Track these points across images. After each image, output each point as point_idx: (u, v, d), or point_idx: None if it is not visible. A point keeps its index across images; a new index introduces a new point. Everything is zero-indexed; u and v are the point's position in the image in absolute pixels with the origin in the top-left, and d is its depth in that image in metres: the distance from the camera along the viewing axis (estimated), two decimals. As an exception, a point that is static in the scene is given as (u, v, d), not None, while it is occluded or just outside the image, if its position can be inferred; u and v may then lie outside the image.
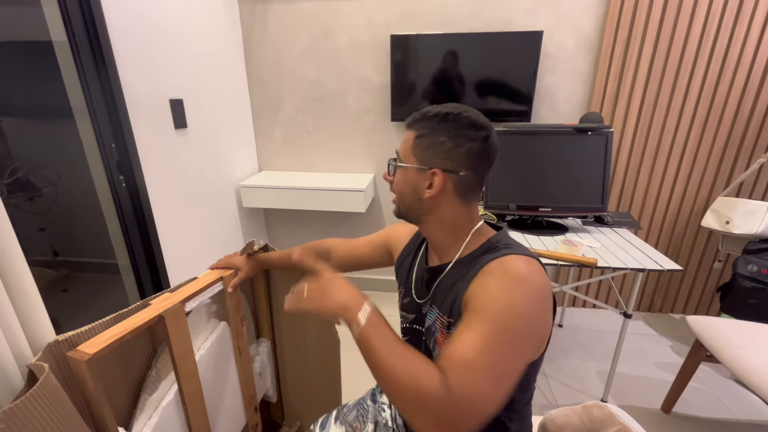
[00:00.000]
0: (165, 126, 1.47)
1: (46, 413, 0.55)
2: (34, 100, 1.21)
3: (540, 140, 1.52)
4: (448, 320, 0.64)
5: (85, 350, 0.64)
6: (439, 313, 0.67)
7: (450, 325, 0.64)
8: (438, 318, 0.67)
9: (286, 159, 2.22)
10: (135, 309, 0.78)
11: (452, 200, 0.64)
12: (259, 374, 1.19)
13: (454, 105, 0.64)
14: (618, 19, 1.70)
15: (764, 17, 1.61)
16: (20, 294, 0.63)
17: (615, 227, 1.59)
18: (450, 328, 0.64)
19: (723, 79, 1.71)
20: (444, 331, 0.65)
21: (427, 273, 0.72)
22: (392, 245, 0.88)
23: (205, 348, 0.94)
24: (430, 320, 0.70)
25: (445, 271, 0.67)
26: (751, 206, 1.63)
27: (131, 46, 1.29)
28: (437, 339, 0.67)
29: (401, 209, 0.70)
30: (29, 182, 1.22)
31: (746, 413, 1.50)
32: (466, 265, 0.64)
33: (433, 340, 0.69)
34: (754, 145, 1.78)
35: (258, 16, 1.95)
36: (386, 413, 0.86)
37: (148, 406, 0.79)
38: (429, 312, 0.70)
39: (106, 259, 1.41)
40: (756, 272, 1.59)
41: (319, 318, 0.70)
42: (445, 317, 0.65)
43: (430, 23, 1.84)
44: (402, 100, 1.92)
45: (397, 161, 0.68)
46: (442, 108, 0.63)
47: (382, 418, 0.85)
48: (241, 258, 1.02)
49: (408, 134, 0.66)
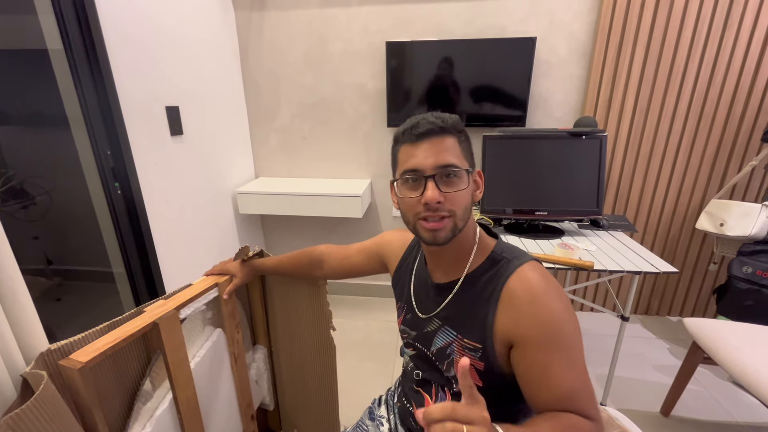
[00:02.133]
0: (161, 133, 1.47)
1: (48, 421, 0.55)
2: (30, 108, 1.21)
3: (535, 145, 1.53)
4: (473, 344, 0.62)
5: (78, 359, 0.64)
6: (456, 335, 0.65)
7: (476, 350, 0.62)
8: (456, 340, 0.65)
9: (282, 165, 2.22)
10: (129, 317, 0.77)
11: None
12: (255, 382, 1.18)
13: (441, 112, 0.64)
14: (610, 25, 1.72)
15: (752, 23, 1.64)
16: (13, 303, 0.62)
17: (611, 230, 1.60)
18: (476, 352, 0.62)
19: (713, 83, 1.74)
20: (467, 353, 0.63)
21: (433, 289, 0.70)
22: (385, 254, 0.87)
23: (200, 355, 0.93)
24: (442, 341, 0.67)
25: (455, 288, 0.66)
26: (745, 208, 1.65)
27: (127, 53, 1.29)
28: (454, 361, 0.65)
29: (460, 225, 0.61)
30: (23, 190, 1.21)
31: (745, 415, 1.50)
32: (479, 281, 0.63)
33: (449, 362, 0.66)
34: (746, 147, 1.80)
35: (254, 23, 1.96)
36: (385, 427, 0.85)
37: (143, 415, 0.78)
38: (440, 331, 0.68)
39: (101, 267, 1.40)
40: (751, 274, 1.59)
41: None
42: (468, 341, 0.63)
43: (425, 30, 1.86)
44: (398, 106, 1.93)
45: (456, 170, 0.59)
46: (443, 114, 0.63)
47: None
48: (236, 264, 1.01)
49: (446, 141, 0.60)
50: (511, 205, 1.54)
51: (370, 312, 2.23)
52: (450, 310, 0.67)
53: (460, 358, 0.63)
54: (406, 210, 0.64)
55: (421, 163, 0.59)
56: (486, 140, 1.53)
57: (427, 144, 0.60)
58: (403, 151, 0.63)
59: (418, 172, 0.60)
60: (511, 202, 1.54)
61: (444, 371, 0.69)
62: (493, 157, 1.53)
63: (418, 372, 0.75)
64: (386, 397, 0.91)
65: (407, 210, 0.63)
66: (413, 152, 0.61)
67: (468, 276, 0.65)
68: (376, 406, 0.91)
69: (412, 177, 0.61)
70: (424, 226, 0.61)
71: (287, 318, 1.16)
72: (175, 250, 1.55)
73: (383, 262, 0.88)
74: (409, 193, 0.62)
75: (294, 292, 1.11)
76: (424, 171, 0.59)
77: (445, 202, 0.59)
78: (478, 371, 0.63)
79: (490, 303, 0.60)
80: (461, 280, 0.65)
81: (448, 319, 0.67)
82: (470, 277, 0.65)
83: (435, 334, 0.69)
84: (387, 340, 1.96)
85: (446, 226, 0.60)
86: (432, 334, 0.70)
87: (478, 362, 0.62)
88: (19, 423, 0.51)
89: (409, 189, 0.62)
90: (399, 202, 0.65)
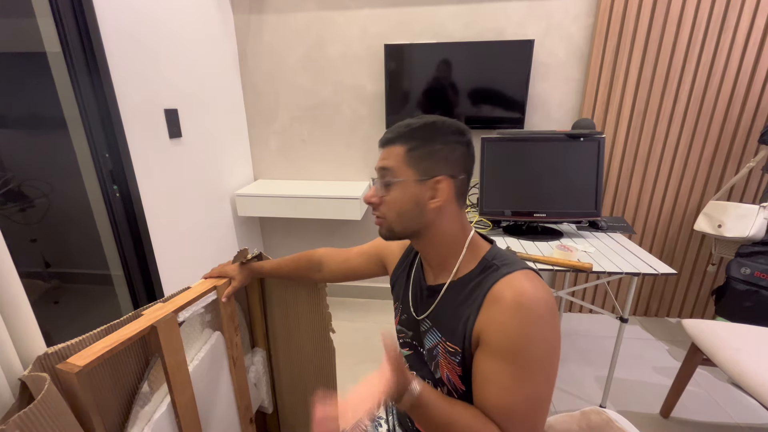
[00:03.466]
0: (160, 135, 1.46)
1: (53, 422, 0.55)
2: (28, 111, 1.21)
3: (533, 147, 1.53)
4: (454, 347, 0.63)
5: (75, 362, 0.63)
6: (441, 336, 0.66)
7: (455, 354, 0.62)
8: (440, 342, 0.66)
9: (281, 168, 2.22)
10: (127, 320, 0.77)
11: (452, 207, 0.64)
12: (254, 385, 1.18)
13: (428, 116, 0.65)
14: (607, 27, 1.73)
15: (749, 25, 1.65)
16: (10, 306, 0.62)
17: (609, 232, 1.60)
18: (456, 356, 0.62)
19: (710, 85, 1.75)
20: (448, 357, 0.64)
21: (427, 290, 0.71)
22: (384, 256, 0.87)
23: (198, 358, 0.92)
24: (430, 342, 0.69)
25: (441, 291, 0.66)
26: (743, 209, 1.65)
27: (126, 56, 1.29)
28: (440, 363, 0.66)
29: (396, 229, 0.66)
30: (21, 193, 1.21)
31: (744, 417, 1.50)
32: (467, 286, 0.63)
33: (435, 363, 0.67)
34: (743, 149, 1.80)
35: (253, 26, 1.96)
36: (383, 428, 0.85)
37: (141, 419, 0.78)
38: (429, 332, 0.69)
39: (99, 270, 1.40)
40: (749, 275, 1.60)
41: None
42: (450, 344, 0.64)
43: (424, 33, 1.87)
44: (397, 109, 1.93)
45: (391, 177, 0.64)
46: (422, 119, 0.64)
47: None
48: (234, 267, 1.01)
49: (393, 149, 0.63)
50: (509, 207, 1.54)
51: (370, 314, 2.23)
52: (437, 312, 0.68)
53: (446, 361, 0.65)
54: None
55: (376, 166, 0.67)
56: (484, 142, 1.53)
57: (383, 151, 0.66)
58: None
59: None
60: (509, 204, 1.54)
61: (433, 372, 0.69)
62: (492, 159, 1.54)
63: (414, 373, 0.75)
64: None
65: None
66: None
67: (456, 281, 0.65)
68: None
69: (373, 179, 0.70)
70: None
71: (286, 321, 1.16)
72: (173, 252, 1.55)
73: (383, 264, 0.88)
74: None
75: (293, 294, 1.11)
76: (375, 174, 0.67)
77: (380, 205, 0.66)
78: (459, 375, 0.63)
79: (473, 308, 0.60)
80: (447, 284, 0.66)
81: (436, 321, 0.68)
82: (458, 282, 0.65)
83: (426, 334, 0.70)
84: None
85: (382, 225, 0.67)
86: (424, 334, 0.71)
87: (457, 367, 0.63)
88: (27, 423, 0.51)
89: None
90: None
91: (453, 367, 0.63)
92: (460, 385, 0.64)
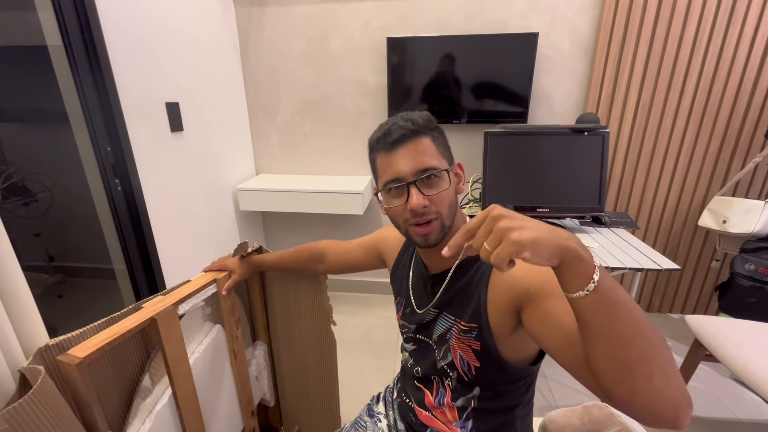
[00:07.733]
0: (161, 129, 1.46)
1: (46, 416, 0.55)
2: (30, 105, 1.21)
3: (537, 141, 1.52)
4: (468, 325, 0.63)
5: (76, 354, 0.64)
6: (454, 319, 0.66)
7: (471, 330, 0.63)
8: (454, 324, 0.66)
9: (283, 162, 2.22)
10: (127, 312, 0.77)
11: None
12: (255, 378, 1.18)
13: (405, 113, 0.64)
14: (612, 20, 1.71)
15: (757, 18, 1.62)
16: (13, 300, 0.63)
17: (613, 227, 1.59)
18: (472, 332, 0.62)
19: (717, 79, 1.72)
20: (462, 336, 0.64)
21: (430, 281, 0.71)
22: (383, 250, 0.88)
23: (199, 351, 0.93)
24: (442, 328, 0.68)
25: (448, 275, 0.66)
26: (748, 205, 1.63)
27: (127, 49, 1.29)
28: (451, 346, 0.66)
29: (447, 224, 0.61)
30: (24, 187, 1.22)
31: (746, 412, 1.49)
32: (471, 267, 0.64)
33: (446, 348, 0.67)
34: (749, 144, 1.78)
35: (254, 19, 1.95)
36: (383, 423, 0.85)
37: (142, 411, 0.78)
38: (438, 320, 0.69)
39: (102, 264, 1.41)
40: (753, 271, 1.58)
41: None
42: (464, 323, 0.64)
43: (427, 26, 1.85)
44: (399, 103, 1.92)
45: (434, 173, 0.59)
46: (411, 113, 0.63)
47: (379, 429, 0.84)
48: (234, 260, 1.01)
49: (419, 144, 0.60)
50: (512, 202, 1.53)
51: (371, 309, 2.23)
52: (446, 297, 0.68)
53: (458, 343, 0.65)
54: (394, 217, 0.65)
55: (401, 171, 0.60)
56: (488, 137, 1.52)
57: (403, 150, 0.60)
58: (381, 161, 0.63)
59: (400, 180, 0.60)
60: (512, 198, 1.53)
61: (437, 362, 0.69)
62: (495, 154, 1.52)
63: (418, 368, 0.75)
64: (384, 394, 0.92)
65: (396, 217, 0.64)
66: (391, 161, 0.61)
67: (462, 263, 0.65)
68: (374, 403, 0.92)
69: (394, 186, 0.61)
70: (415, 231, 0.62)
71: (287, 314, 1.16)
72: (175, 246, 1.55)
73: (381, 257, 0.89)
74: (394, 202, 0.62)
75: (294, 287, 1.11)
76: (405, 178, 0.60)
77: (431, 205, 0.60)
78: (475, 351, 0.64)
79: (482, 284, 0.62)
80: (453, 267, 0.65)
81: (445, 306, 0.68)
82: (463, 263, 0.65)
83: (435, 322, 0.70)
84: (388, 337, 1.96)
85: (435, 228, 0.61)
86: (432, 323, 0.71)
87: (474, 342, 0.63)
88: (17, 417, 0.51)
89: (394, 197, 0.62)
90: (386, 211, 0.66)
91: (469, 344, 0.64)
92: (474, 361, 0.64)
